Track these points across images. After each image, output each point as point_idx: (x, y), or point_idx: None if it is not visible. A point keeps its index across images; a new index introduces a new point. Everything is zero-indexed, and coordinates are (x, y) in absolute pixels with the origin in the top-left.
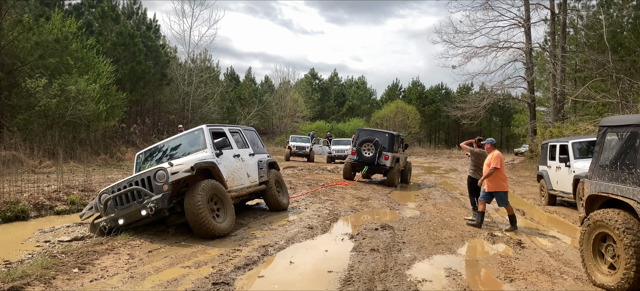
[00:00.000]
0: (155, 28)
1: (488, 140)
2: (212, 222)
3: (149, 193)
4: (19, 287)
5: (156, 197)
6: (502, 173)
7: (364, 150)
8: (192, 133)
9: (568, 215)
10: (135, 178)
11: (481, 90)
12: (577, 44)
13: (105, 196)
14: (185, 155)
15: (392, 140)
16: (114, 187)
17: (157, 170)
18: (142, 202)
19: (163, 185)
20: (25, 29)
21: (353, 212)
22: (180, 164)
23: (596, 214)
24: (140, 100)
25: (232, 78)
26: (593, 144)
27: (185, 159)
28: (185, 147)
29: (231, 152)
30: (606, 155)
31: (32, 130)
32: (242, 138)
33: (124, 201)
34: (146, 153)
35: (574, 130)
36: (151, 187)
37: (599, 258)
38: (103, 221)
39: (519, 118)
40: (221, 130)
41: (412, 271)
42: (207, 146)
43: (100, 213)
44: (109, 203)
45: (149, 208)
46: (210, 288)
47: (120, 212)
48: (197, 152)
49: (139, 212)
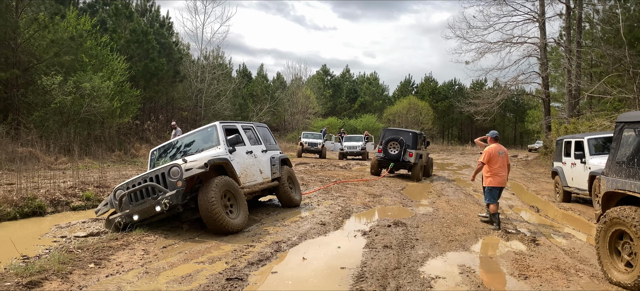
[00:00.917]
0: (168, 25)
1: (489, 133)
2: (226, 218)
3: (163, 190)
4: (37, 281)
5: (170, 193)
6: (490, 167)
7: (390, 148)
8: (205, 130)
9: (583, 212)
10: (149, 174)
11: (495, 85)
12: (593, 38)
13: (120, 192)
14: (198, 152)
15: (415, 139)
16: (129, 183)
17: (171, 167)
18: (157, 198)
19: (177, 182)
20: (41, 27)
21: (365, 209)
22: (193, 160)
23: (613, 211)
24: (154, 97)
25: (245, 75)
26: (609, 140)
27: (198, 156)
28: (198, 144)
29: (244, 149)
30: (623, 152)
31: (48, 127)
32: (254, 134)
33: (139, 197)
34: (160, 149)
35: (589, 126)
36: (165, 183)
37: (616, 255)
38: (118, 217)
39: (533, 114)
40: (234, 126)
41: (425, 268)
42: (220, 142)
43: (115, 209)
44: (124, 199)
45: (164, 204)
46: (224, 283)
47: (135, 207)
48: (210, 149)
49: (153, 208)
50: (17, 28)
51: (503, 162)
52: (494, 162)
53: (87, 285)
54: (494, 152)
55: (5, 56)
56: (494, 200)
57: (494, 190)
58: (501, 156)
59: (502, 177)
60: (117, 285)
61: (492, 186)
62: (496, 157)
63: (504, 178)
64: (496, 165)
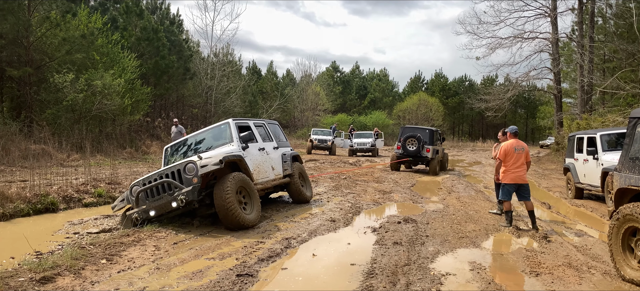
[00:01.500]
0: (178, 23)
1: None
2: (241, 213)
3: (179, 186)
4: (50, 277)
5: (186, 189)
6: (504, 164)
7: (408, 145)
8: (219, 127)
9: (595, 208)
10: (165, 171)
11: (506, 81)
12: (605, 33)
13: (137, 188)
14: (212, 149)
15: (431, 135)
16: (145, 179)
17: (186, 163)
18: (173, 194)
19: (193, 178)
20: (52, 25)
21: (375, 205)
22: (208, 157)
23: (626, 208)
24: (164, 94)
25: (254, 72)
26: (622, 136)
27: (213, 153)
28: (211, 141)
29: (256, 146)
30: (636, 148)
31: (61, 125)
32: (266, 131)
33: (155, 193)
34: (173, 147)
35: (602, 122)
36: (181, 179)
37: (629, 252)
38: (135, 212)
39: (545, 110)
40: (246, 123)
41: (435, 265)
42: (233, 140)
43: (132, 205)
44: (141, 196)
45: (180, 200)
46: (234, 279)
47: (151, 203)
48: (223, 146)
49: (169, 204)
50: (30, 26)
51: (519, 158)
52: (508, 158)
53: (99, 281)
54: (510, 148)
55: (18, 54)
56: (506, 197)
57: (507, 186)
58: (518, 152)
59: (517, 173)
60: (129, 280)
61: (505, 182)
62: (512, 153)
63: (519, 175)
64: (510, 162)
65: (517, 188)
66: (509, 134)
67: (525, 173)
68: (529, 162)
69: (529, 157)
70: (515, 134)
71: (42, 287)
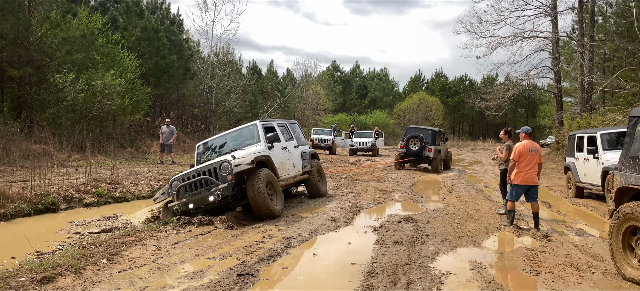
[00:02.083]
0: (178, 22)
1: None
2: (271, 203)
3: (215, 182)
4: (51, 277)
5: (223, 186)
6: (517, 165)
7: (411, 145)
8: (247, 128)
9: (596, 207)
10: (203, 168)
11: (506, 80)
12: (606, 32)
13: (177, 184)
14: (241, 147)
15: (434, 136)
16: (184, 175)
17: (222, 162)
18: (210, 189)
19: (227, 175)
20: (53, 25)
21: (376, 205)
22: (241, 157)
23: (626, 207)
24: (165, 94)
25: (255, 72)
26: (622, 135)
27: (243, 152)
28: (240, 140)
29: (280, 145)
30: (637, 146)
31: (61, 124)
32: (288, 131)
33: (194, 188)
34: (205, 144)
35: (602, 121)
36: (217, 176)
37: (629, 251)
38: (175, 205)
39: (545, 109)
40: (271, 125)
41: (436, 264)
42: (260, 140)
43: (172, 198)
44: (181, 190)
45: (217, 195)
46: (235, 279)
47: (190, 197)
48: (251, 145)
49: (207, 198)
50: (30, 26)
51: (532, 159)
52: (523, 159)
53: (100, 280)
54: (524, 150)
55: (19, 54)
56: (513, 198)
57: (517, 187)
58: (532, 153)
59: (529, 175)
60: (130, 280)
61: (516, 183)
62: (526, 155)
63: (530, 176)
64: (524, 163)
65: (527, 189)
66: (523, 135)
67: (536, 175)
68: (541, 164)
69: (541, 159)
70: (530, 135)
71: (43, 287)
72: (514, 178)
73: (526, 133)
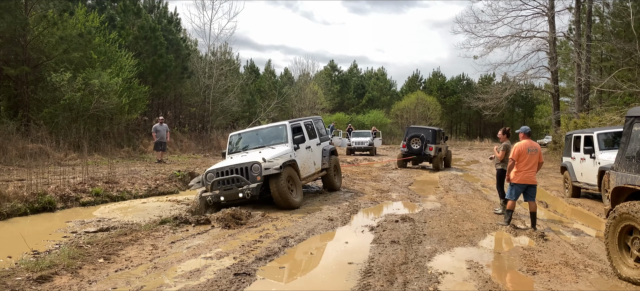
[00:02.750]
0: (176, 21)
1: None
2: (291, 197)
3: (246, 182)
4: (48, 276)
5: (252, 186)
6: (517, 164)
7: (413, 144)
8: (277, 127)
9: (592, 207)
10: (236, 166)
11: (503, 80)
12: (603, 32)
13: (211, 176)
14: (269, 145)
15: (434, 135)
16: (218, 170)
17: (253, 164)
18: (241, 186)
19: (257, 176)
20: (50, 24)
21: (373, 204)
22: (270, 160)
23: (622, 206)
24: (162, 93)
25: (252, 71)
26: (619, 135)
27: (272, 152)
28: (270, 138)
29: (304, 145)
30: (633, 147)
31: (58, 123)
32: (312, 128)
33: (226, 183)
34: (238, 135)
35: (599, 121)
36: (248, 175)
37: (625, 251)
38: (209, 196)
39: (542, 109)
40: (298, 125)
41: (433, 264)
42: (288, 141)
43: (206, 189)
44: (214, 183)
45: (246, 193)
46: (231, 278)
47: (223, 191)
48: (280, 145)
49: (237, 194)
50: (27, 25)
51: (532, 159)
52: (522, 159)
53: (96, 280)
54: (523, 149)
55: (15, 53)
56: (512, 197)
57: (516, 186)
58: (531, 153)
59: (528, 175)
60: (126, 279)
61: (515, 182)
62: (525, 154)
63: (529, 176)
64: (523, 163)
65: (526, 189)
66: (522, 135)
67: (535, 174)
68: (541, 163)
69: (541, 158)
70: (529, 135)
71: (39, 286)
72: (513, 178)
73: (525, 133)
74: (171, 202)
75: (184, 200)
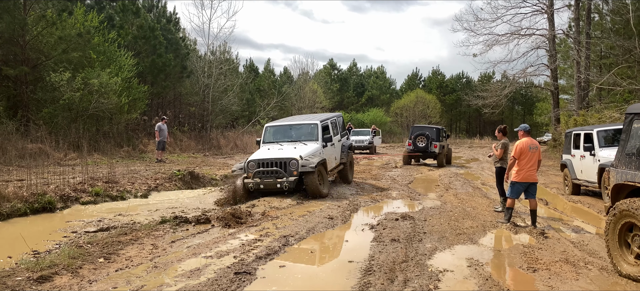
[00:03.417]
0: (175, 21)
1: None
2: (321, 189)
3: (284, 175)
4: (48, 276)
5: (291, 179)
6: (518, 163)
7: (419, 142)
8: (309, 125)
9: (592, 204)
10: (276, 159)
11: (503, 78)
12: (602, 29)
13: (253, 165)
14: (301, 141)
15: (438, 133)
16: (259, 161)
17: (291, 159)
18: (279, 177)
19: (294, 171)
20: (48, 23)
21: (373, 202)
22: (306, 159)
23: (622, 203)
24: (162, 93)
25: (252, 70)
26: (619, 132)
27: (306, 149)
28: (302, 134)
29: (330, 142)
30: (633, 144)
31: (57, 123)
32: (335, 126)
33: (266, 173)
34: (273, 127)
35: (599, 118)
36: (286, 169)
37: (625, 248)
38: (250, 183)
39: (542, 107)
40: (327, 124)
41: (433, 262)
42: (318, 139)
43: (248, 176)
44: (256, 173)
45: (284, 185)
46: (232, 277)
47: (263, 180)
48: (311, 141)
49: (275, 184)
50: (25, 25)
51: (533, 157)
52: (523, 157)
53: (97, 280)
54: (525, 147)
55: (14, 53)
56: (514, 195)
57: (517, 185)
58: (532, 151)
59: (530, 173)
60: (127, 279)
61: (516, 181)
62: (526, 152)
63: (531, 174)
64: (524, 160)
65: (527, 187)
66: (521, 133)
67: (536, 172)
68: (540, 160)
69: (540, 156)
70: (528, 132)
71: (40, 286)
72: (514, 176)
73: (524, 130)
74: (208, 190)
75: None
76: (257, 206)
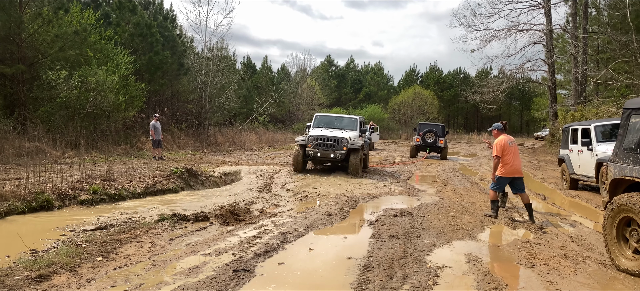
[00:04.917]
0: (172, 18)
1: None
2: (360, 169)
3: (338, 148)
4: (46, 275)
5: (340, 152)
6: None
7: (427, 137)
8: (350, 118)
9: (590, 199)
10: (332, 136)
11: (500, 73)
12: (599, 24)
13: (312, 139)
14: (344, 130)
15: (443, 130)
16: (318, 136)
17: (343, 138)
18: (334, 149)
19: (344, 147)
20: (45, 21)
21: (371, 199)
22: (353, 140)
23: (620, 198)
24: (159, 90)
25: (249, 67)
26: (616, 127)
27: (352, 134)
28: (345, 124)
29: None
30: (631, 138)
31: (54, 122)
32: (362, 123)
33: (323, 146)
34: (322, 116)
35: (596, 113)
36: (338, 144)
37: (623, 243)
38: (310, 151)
39: (539, 102)
40: (362, 120)
41: (431, 258)
42: (357, 130)
43: (309, 146)
44: (315, 144)
45: (336, 155)
46: (231, 275)
47: (319, 150)
48: (351, 131)
49: (329, 155)
50: (21, 23)
51: (515, 151)
52: (507, 153)
53: (95, 278)
54: (505, 143)
55: (10, 51)
56: (495, 189)
57: (502, 179)
58: (512, 145)
59: (514, 166)
60: (125, 277)
61: (501, 175)
62: (507, 147)
63: (515, 167)
64: (508, 156)
65: (511, 181)
66: (495, 132)
67: (520, 165)
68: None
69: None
70: (502, 130)
71: (38, 285)
72: (500, 171)
73: (498, 129)
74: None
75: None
76: (255, 203)
